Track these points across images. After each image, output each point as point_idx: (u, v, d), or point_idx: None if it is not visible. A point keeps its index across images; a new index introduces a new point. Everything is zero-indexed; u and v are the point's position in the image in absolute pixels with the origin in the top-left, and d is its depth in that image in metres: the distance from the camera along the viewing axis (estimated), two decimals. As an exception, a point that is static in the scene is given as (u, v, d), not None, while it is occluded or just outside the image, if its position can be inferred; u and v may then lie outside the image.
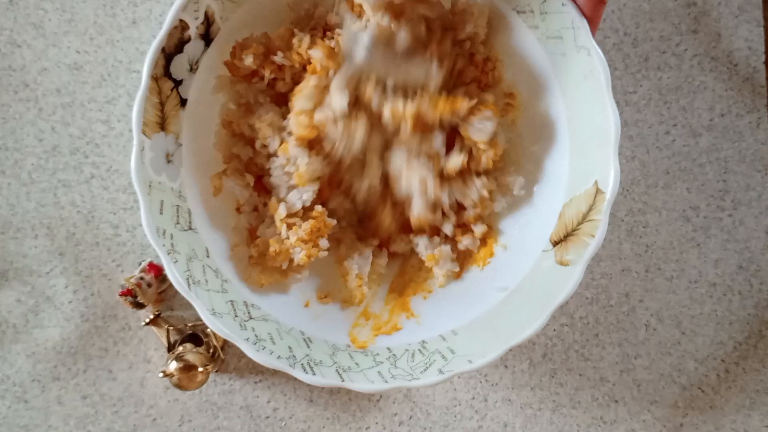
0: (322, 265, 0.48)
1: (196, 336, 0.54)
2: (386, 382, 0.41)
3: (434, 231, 0.49)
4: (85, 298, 0.54)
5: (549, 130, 0.47)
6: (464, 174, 0.48)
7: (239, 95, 0.47)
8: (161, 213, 0.41)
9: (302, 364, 0.41)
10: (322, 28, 0.47)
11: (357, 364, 0.43)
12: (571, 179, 0.45)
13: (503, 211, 0.49)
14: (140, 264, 0.54)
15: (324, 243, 0.45)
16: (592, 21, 0.41)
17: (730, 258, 0.57)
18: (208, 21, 0.43)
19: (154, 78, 0.40)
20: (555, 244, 0.45)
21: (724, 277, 0.57)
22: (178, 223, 0.43)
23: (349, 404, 0.55)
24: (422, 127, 0.45)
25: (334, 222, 0.46)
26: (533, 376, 0.56)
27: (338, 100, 0.43)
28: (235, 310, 0.43)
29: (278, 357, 0.41)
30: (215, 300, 0.42)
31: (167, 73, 0.41)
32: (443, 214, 0.48)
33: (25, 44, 0.55)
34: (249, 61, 0.44)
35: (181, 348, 0.52)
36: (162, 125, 0.42)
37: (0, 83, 0.55)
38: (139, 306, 0.52)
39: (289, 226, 0.45)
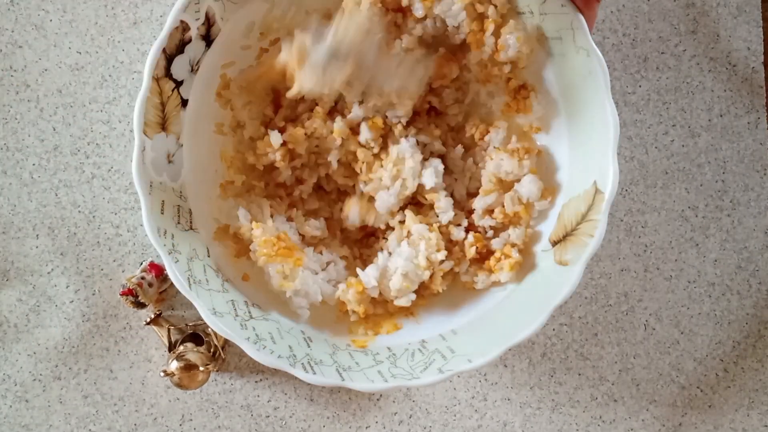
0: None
1: (196, 335, 0.54)
2: (386, 381, 0.41)
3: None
4: (87, 297, 0.55)
5: (548, 130, 0.47)
6: None
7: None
8: (162, 213, 0.41)
9: (302, 364, 0.41)
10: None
11: (357, 363, 0.43)
12: (570, 179, 0.45)
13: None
14: (141, 264, 0.54)
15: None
16: (587, 17, 0.41)
17: (729, 258, 0.57)
18: (209, 22, 0.43)
19: (155, 78, 0.40)
20: (554, 244, 0.45)
21: (722, 277, 0.57)
22: (179, 223, 0.43)
23: (349, 403, 0.55)
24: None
25: None
26: (532, 376, 0.56)
27: None
28: (235, 309, 0.43)
29: (279, 356, 0.41)
30: (216, 299, 0.42)
31: (168, 74, 0.41)
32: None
33: (26, 45, 0.55)
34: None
35: (181, 347, 0.52)
36: (163, 126, 0.42)
37: (1, 83, 0.55)
38: (140, 305, 0.52)
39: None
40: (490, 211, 0.48)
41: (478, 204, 0.47)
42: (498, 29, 0.44)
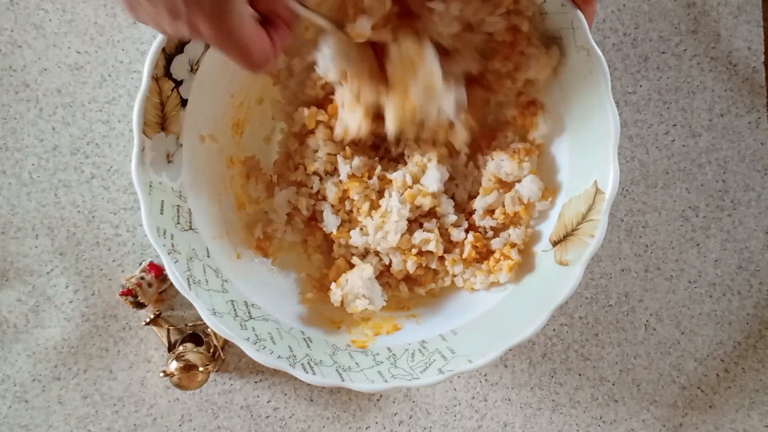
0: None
1: (196, 336, 0.54)
2: (386, 381, 0.41)
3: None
4: (86, 297, 0.55)
5: (548, 130, 0.47)
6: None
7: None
8: (162, 213, 0.41)
9: (302, 364, 0.41)
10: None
11: (357, 363, 0.43)
12: (571, 179, 0.45)
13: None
14: (141, 264, 0.54)
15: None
16: (587, 15, 0.41)
17: (730, 258, 0.57)
18: (208, 21, 0.43)
19: (155, 78, 0.40)
20: (554, 244, 0.45)
21: (723, 277, 0.57)
22: (178, 223, 0.43)
23: (349, 404, 0.55)
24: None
25: None
26: (533, 376, 0.56)
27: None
28: (235, 309, 0.43)
29: (278, 357, 0.41)
30: (215, 300, 0.42)
31: (168, 74, 0.41)
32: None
33: (25, 44, 0.55)
34: None
35: (181, 348, 0.52)
36: (162, 125, 0.42)
37: (1, 83, 0.55)
38: (140, 306, 0.52)
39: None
40: (490, 212, 0.48)
41: (479, 204, 0.47)
42: (527, 47, 0.44)
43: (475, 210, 0.48)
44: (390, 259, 0.48)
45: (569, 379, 0.56)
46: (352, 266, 0.49)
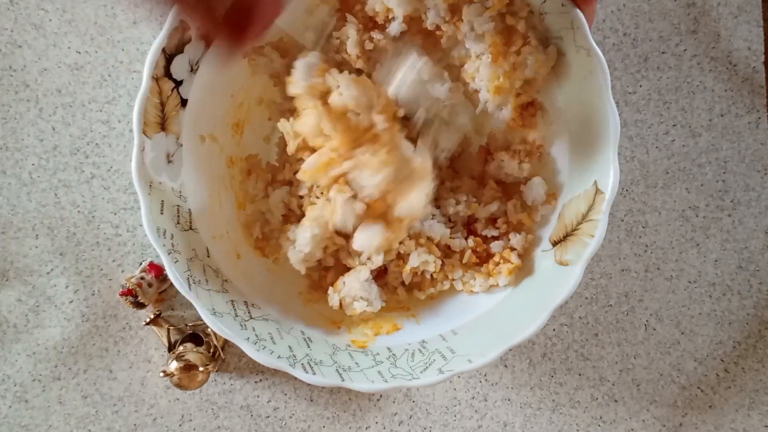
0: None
1: (196, 336, 0.54)
2: (386, 381, 0.41)
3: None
4: (86, 297, 0.55)
5: (548, 130, 0.47)
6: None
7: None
8: (162, 213, 0.41)
9: (302, 364, 0.41)
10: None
11: (357, 363, 0.43)
12: (571, 179, 0.45)
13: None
14: (141, 264, 0.54)
15: None
16: (586, 14, 0.40)
17: (730, 258, 0.57)
18: (208, 21, 0.43)
19: (155, 78, 0.40)
20: (554, 244, 0.45)
21: (723, 277, 0.57)
22: (178, 223, 0.43)
23: (349, 404, 0.55)
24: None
25: None
26: (533, 376, 0.56)
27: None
28: (235, 309, 0.43)
29: (278, 356, 0.41)
30: (216, 300, 0.42)
31: (168, 74, 0.41)
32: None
33: (25, 44, 0.55)
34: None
35: (181, 348, 0.52)
36: (162, 125, 0.42)
37: (1, 83, 0.55)
38: (140, 306, 0.52)
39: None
40: (492, 221, 0.48)
41: (481, 214, 0.47)
42: (522, 47, 0.44)
43: (477, 219, 0.48)
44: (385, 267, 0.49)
45: (569, 379, 0.56)
46: (348, 269, 0.49)
